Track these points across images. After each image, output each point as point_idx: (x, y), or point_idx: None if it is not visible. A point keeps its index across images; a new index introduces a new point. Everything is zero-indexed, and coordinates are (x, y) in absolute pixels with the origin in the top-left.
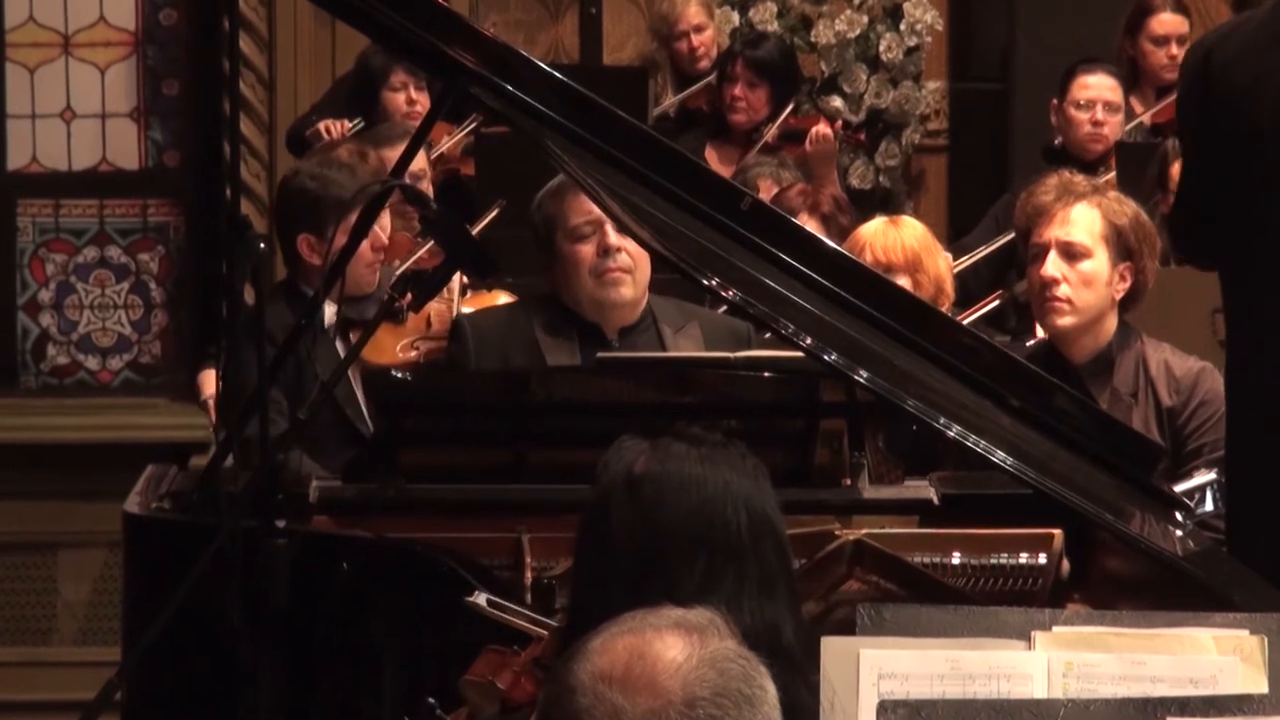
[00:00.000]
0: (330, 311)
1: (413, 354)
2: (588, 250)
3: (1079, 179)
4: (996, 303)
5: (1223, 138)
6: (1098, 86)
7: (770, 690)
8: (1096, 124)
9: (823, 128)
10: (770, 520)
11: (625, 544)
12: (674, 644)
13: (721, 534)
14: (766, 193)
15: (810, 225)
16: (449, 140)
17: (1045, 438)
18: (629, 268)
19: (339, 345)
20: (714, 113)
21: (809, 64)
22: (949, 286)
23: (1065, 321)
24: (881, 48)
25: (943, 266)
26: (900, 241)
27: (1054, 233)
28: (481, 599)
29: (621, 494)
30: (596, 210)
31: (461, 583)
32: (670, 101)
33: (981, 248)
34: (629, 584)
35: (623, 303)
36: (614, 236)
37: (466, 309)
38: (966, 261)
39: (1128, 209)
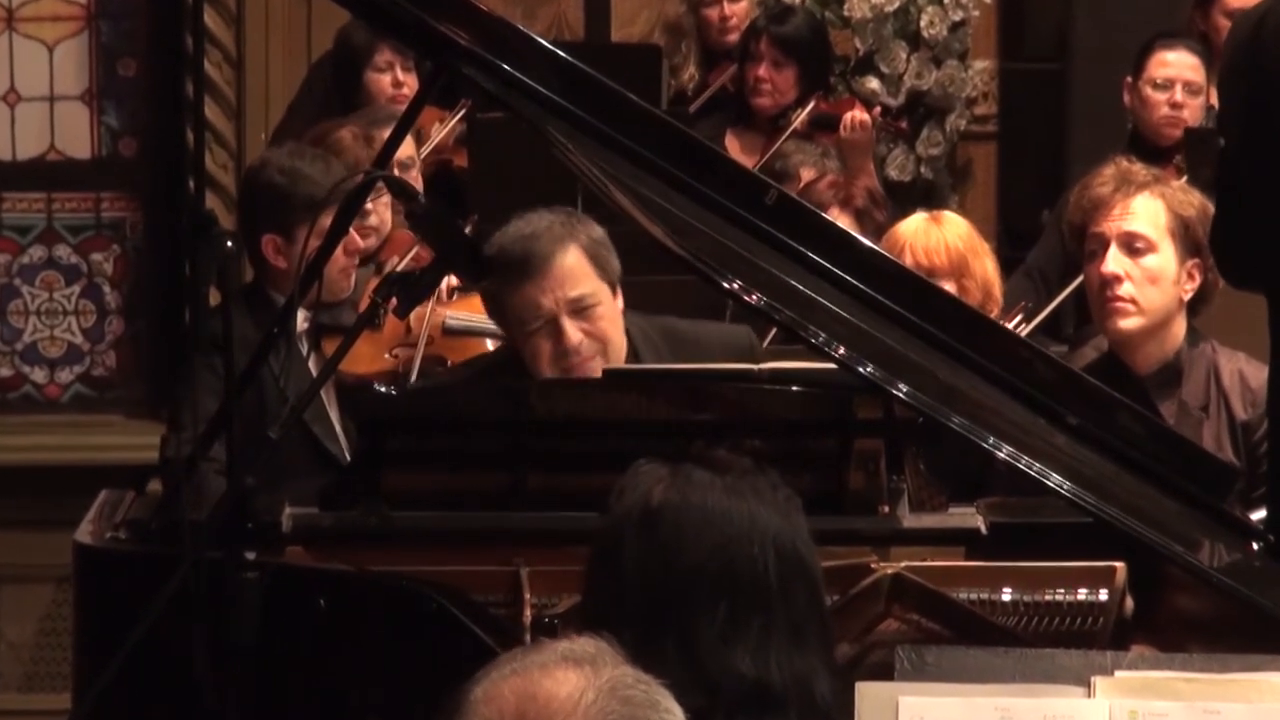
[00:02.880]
0: (301, 318)
1: (390, 363)
2: (544, 345)
3: (1138, 168)
4: (1020, 316)
5: (1270, 118)
6: (1178, 64)
7: (676, 712)
8: (1175, 106)
9: (859, 114)
10: (802, 560)
11: (638, 584)
12: (565, 679)
13: (747, 577)
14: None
15: (842, 221)
16: (441, 129)
17: (1106, 459)
18: (594, 353)
19: (311, 356)
20: (737, 96)
21: (842, 41)
22: (998, 291)
23: (1130, 324)
24: (923, 23)
25: (990, 268)
26: (944, 242)
27: (1113, 226)
28: None
29: (636, 527)
30: (547, 304)
31: (451, 621)
32: (691, 73)
33: (1059, 298)
34: (641, 629)
35: None
36: (571, 332)
37: (452, 314)
38: (1046, 314)
39: (1194, 199)
